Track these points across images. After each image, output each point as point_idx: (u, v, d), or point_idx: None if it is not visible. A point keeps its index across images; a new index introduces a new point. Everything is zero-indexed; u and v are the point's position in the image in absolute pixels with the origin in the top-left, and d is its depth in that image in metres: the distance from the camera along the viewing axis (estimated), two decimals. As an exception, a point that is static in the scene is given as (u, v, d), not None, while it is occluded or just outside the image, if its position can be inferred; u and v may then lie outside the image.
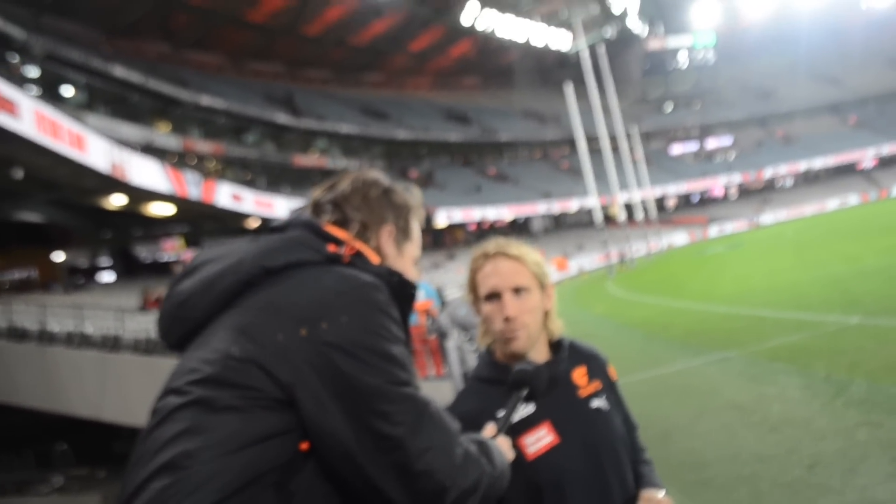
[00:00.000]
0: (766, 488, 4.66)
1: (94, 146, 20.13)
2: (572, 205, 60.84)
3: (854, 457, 4.83)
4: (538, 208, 59.87)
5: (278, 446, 1.10)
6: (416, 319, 10.32)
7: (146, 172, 23.73)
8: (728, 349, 9.82)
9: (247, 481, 1.06)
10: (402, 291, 1.31)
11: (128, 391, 13.12)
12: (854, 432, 5.32)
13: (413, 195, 1.50)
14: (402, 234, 1.45)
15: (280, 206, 32.29)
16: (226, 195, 29.64)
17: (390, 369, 1.16)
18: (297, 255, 1.27)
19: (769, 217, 64.50)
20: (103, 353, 14.92)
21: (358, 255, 1.32)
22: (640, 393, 8.37)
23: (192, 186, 26.82)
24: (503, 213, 56.81)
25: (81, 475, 15.21)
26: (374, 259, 1.34)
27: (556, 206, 61.05)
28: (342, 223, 1.38)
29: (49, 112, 17.76)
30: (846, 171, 72.51)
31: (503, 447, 1.43)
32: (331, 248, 1.30)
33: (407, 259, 1.46)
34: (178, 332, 1.28)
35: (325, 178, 1.57)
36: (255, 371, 1.13)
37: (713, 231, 62.47)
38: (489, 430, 1.49)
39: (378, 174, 1.48)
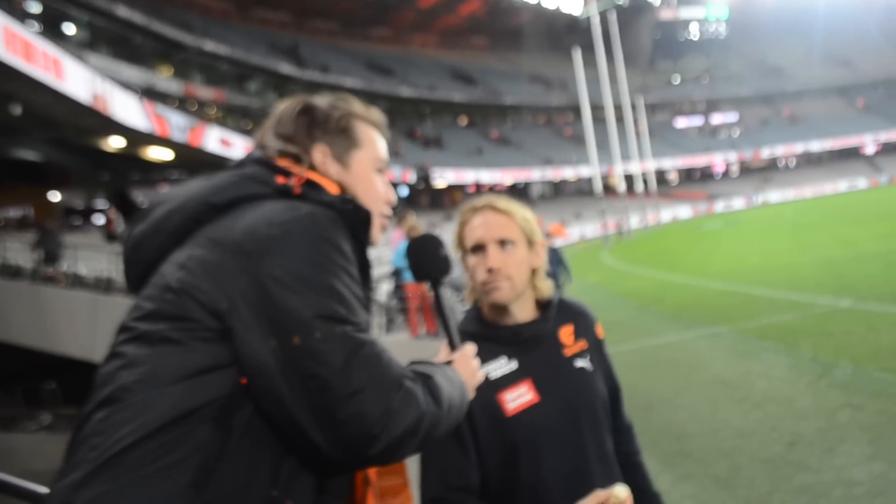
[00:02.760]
0: (745, 463, 4.72)
1: (72, 73, 18.93)
2: (573, 172, 60.62)
3: (834, 437, 4.89)
4: (538, 174, 59.66)
5: (217, 380, 1.07)
6: (412, 277, 10.32)
7: (129, 109, 22.80)
8: (718, 325, 9.89)
9: (182, 414, 1.03)
10: (356, 218, 1.23)
11: (119, 334, 13.11)
12: (836, 413, 5.38)
13: (345, 101, 1.40)
14: (343, 146, 1.36)
15: None
16: (214, 140, 29.05)
17: (325, 302, 1.09)
18: (245, 189, 1.23)
19: (771, 196, 64.40)
20: (96, 295, 14.94)
21: (310, 185, 1.25)
22: (629, 363, 8.43)
23: (176, 129, 26.08)
24: (503, 176, 56.59)
25: (69, 414, 15.29)
26: (331, 187, 1.27)
27: (557, 173, 60.85)
28: (287, 156, 1.32)
29: (21, 30, 16.32)
30: (849, 155, 72.29)
31: (462, 368, 1.34)
32: (280, 180, 1.26)
33: (359, 170, 1.37)
34: (135, 273, 1.27)
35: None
36: (190, 302, 1.10)
37: (719, 206, 62.42)
38: (443, 353, 1.44)
39: (303, 96, 1.40)
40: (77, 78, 19.17)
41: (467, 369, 1.36)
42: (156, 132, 24.59)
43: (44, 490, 1.94)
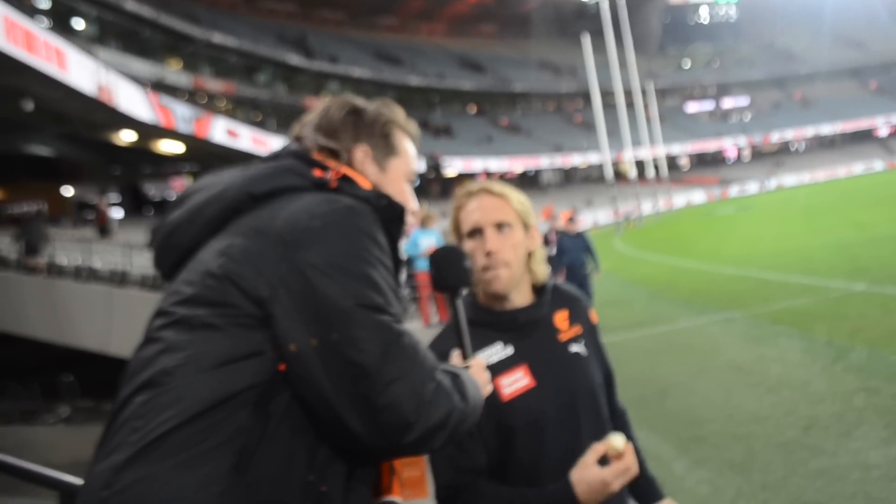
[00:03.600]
0: (761, 447, 4.71)
1: (76, 64, 18.48)
2: (583, 159, 60.36)
3: (850, 421, 4.87)
4: (549, 161, 59.44)
5: (256, 365, 1.09)
6: (427, 266, 10.36)
7: (134, 100, 22.40)
8: (731, 310, 9.84)
9: (223, 398, 1.06)
10: (391, 213, 1.28)
11: (134, 326, 13.11)
12: (851, 397, 5.35)
13: (390, 108, 1.46)
14: (383, 150, 1.41)
15: (274, 145, 30.72)
16: (221, 131, 28.67)
17: (365, 292, 1.12)
18: (283, 181, 1.27)
19: (786, 179, 63.92)
20: (111, 288, 15.06)
21: (345, 180, 1.30)
22: (642, 349, 8.42)
23: (182, 119, 25.65)
24: (514, 164, 56.43)
25: (87, 407, 15.48)
26: (364, 183, 1.32)
27: (567, 160, 60.62)
28: (324, 151, 1.37)
29: (22, 20, 15.77)
30: (862, 138, 71.59)
31: (477, 375, 1.37)
32: (317, 173, 1.29)
33: (394, 176, 1.42)
34: (169, 260, 1.30)
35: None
36: (232, 288, 1.13)
37: (733, 191, 62.04)
38: (455, 358, 1.45)
39: (349, 97, 1.46)
40: (81, 69, 18.85)
41: (481, 378, 1.38)
42: (161, 123, 24.30)
43: (67, 478, 1.98)
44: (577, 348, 1.66)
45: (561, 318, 1.68)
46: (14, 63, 15.60)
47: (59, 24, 28.22)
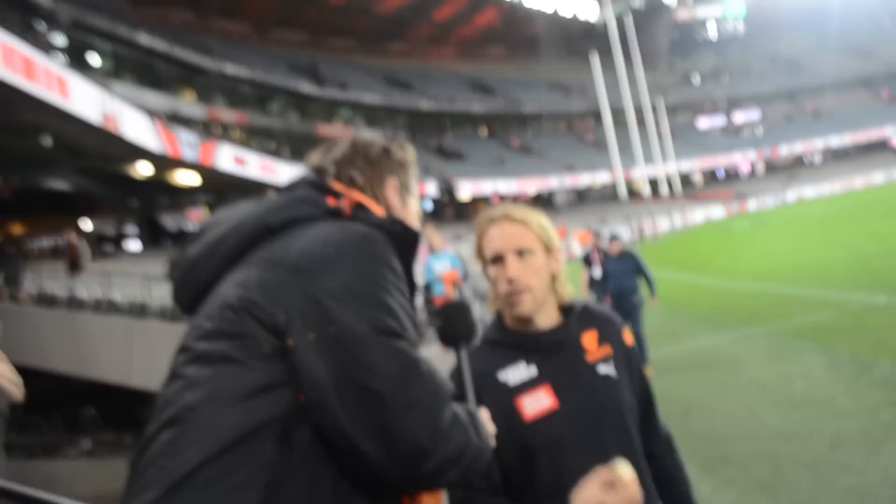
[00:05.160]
0: (787, 466, 4.66)
1: (79, 92, 18.09)
2: (596, 178, 60.28)
3: (877, 436, 4.81)
4: (562, 181, 59.43)
5: (277, 398, 1.09)
6: (443, 290, 10.34)
7: (139, 128, 22.05)
8: (752, 326, 9.78)
9: (246, 432, 1.06)
10: (405, 239, 1.30)
11: (154, 357, 13.20)
12: (877, 412, 5.29)
13: (408, 152, 1.52)
14: (404, 188, 1.47)
15: (284, 172, 31.14)
16: (227, 158, 28.17)
17: (381, 317, 1.12)
18: (298, 211, 1.29)
19: (804, 192, 63.35)
20: (131, 320, 15.13)
21: (359, 207, 1.32)
22: (663, 368, 8.37)
23: (187, 145, 25.27)
24: (526, 185, 56.45)
25: (109, 440, 15.52)
26: (377, 210, 1.34)
27: (580, 180, 60.55)
28: (348, 182, 1.40)
29: (19, 46, 15.34)
30: (877, 148, 71.00)
31: (485, 420, 1.34)
32: (331, 201, 1.31)
33: (411, 212, 1.47)
34: (189, 295, 1.31)
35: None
36: (249, 319, 1.13)
37: (751, 205, 61.51)
38: None
39: (373, 135, 1.51)
40: (85, 97, 18.54)
41: (487, 420, 1.37)
42: (167, 150, 23.99)
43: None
44: (605, 370, 1.64)
45: (590, 339, 1.67)
46: (13, 93, 15.19)
47: (76, 59, 28.68)
